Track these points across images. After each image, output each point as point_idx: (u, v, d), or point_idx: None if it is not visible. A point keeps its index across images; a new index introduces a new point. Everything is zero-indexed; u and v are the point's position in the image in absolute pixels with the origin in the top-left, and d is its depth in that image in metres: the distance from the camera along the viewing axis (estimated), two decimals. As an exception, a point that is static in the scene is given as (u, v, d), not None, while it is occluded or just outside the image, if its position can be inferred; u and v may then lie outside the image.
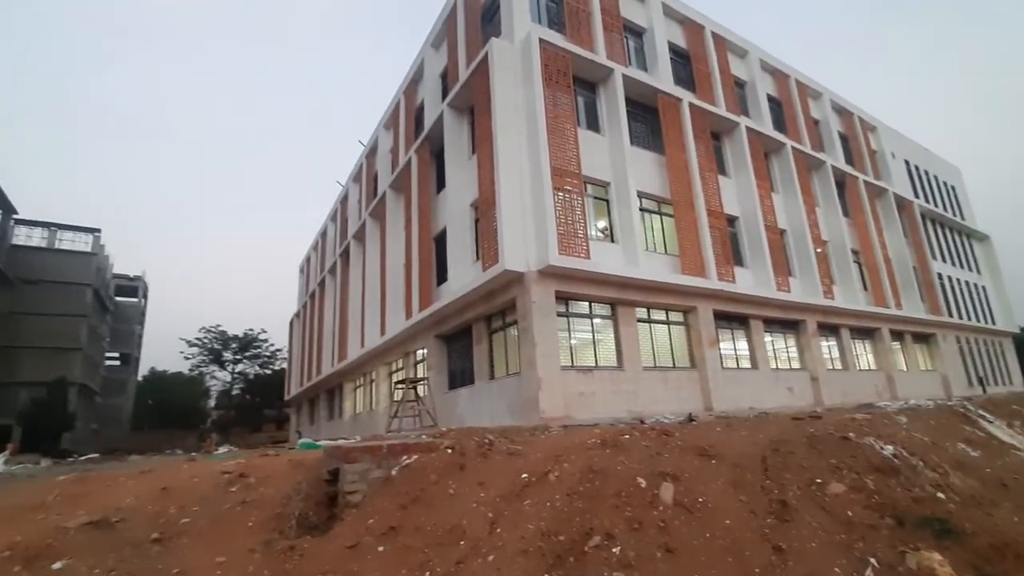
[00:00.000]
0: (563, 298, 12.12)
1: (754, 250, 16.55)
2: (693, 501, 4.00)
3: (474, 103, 13.89)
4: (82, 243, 49.64)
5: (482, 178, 12.83)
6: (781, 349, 17.24)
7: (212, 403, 66.41)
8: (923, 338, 23.50)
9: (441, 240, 15.49)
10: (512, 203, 11.73)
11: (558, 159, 12.34)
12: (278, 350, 57.32)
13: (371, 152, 24.32)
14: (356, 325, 22.27)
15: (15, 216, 45.18)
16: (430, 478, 4.93)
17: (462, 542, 3.95)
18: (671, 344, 14.05)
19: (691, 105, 16.02)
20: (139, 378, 65.35)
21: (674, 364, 13.80)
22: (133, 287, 64.76)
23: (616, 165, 13.92)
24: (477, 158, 13.38)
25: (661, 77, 16.26)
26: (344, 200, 28.31)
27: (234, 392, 59.69)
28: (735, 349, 15.66)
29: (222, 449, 18.99)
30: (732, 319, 15.68)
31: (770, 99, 20.64)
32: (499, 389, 12.44)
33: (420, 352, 17.02)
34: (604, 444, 5.14)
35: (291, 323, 39.75)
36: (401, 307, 17.13)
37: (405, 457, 5.30)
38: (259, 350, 58.62)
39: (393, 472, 5.11)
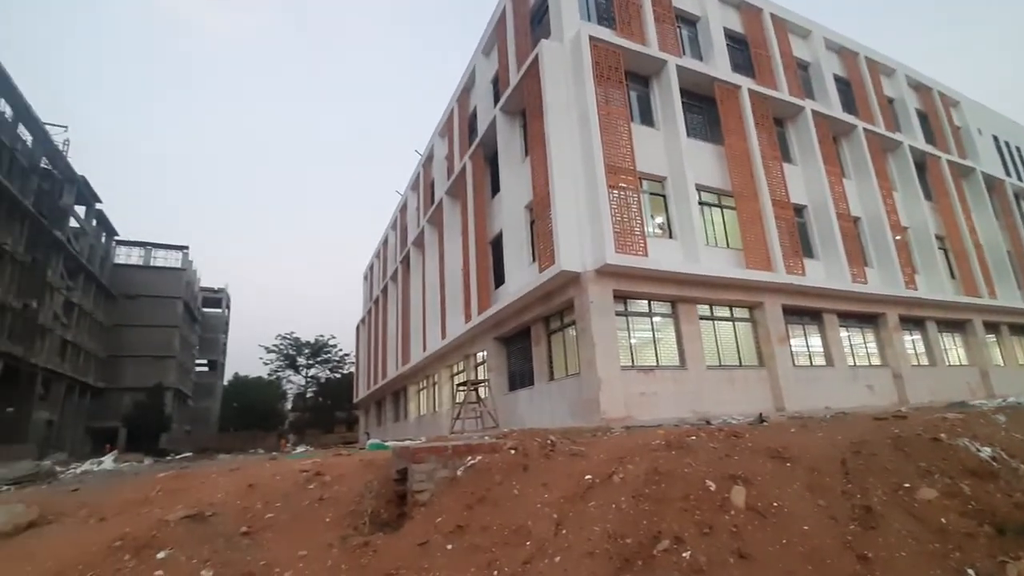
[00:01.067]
0: (621, 297, 11.94)
1: (825, 240, 15.58)
2: (767, 505, 3.83)
3: (526, 106, 13.97)
4: (172, 260, 54.35)
5: (536, 180, 12.86)
6: (859, 345, 16.10)
7: (289, 406, 70.46)
8: (1022, 330, 21.16)
9: (497, 243, 15.67)
10: (567, 203, 11.70)
11: (612, 156, 12.17)
12: (346, 355, 60.01)
13: (427, 160, 24.97)
14: (418, 329, 22.90)
15: (116, 238, 50.02)
16: (494, 478, 5.00)
17: (528, 542, 3.97)
18: (737, 342, 13.48)
19: (751, 92, 15.33)
20: (224, 383, 70.45)
21: (741, 363, 13.23)
22: (217, 298, 69.92)
23: (672, 159, 13.55)
24: (530, 160, 13.44)
25: (717, 65, 15.67)
26: (403, 209, 29.21)
27: (308, 395, 63.05)
28: (808, 346, 14.80)
29: (299, 449, 20.14)
30: (803, 314, 14.83)
31: (837, 80, 19.36)
32: (559, 390, 12.42)
33: (480, 354, 17.27)
34: (669, 446, 5.02)
35: (357, 329, 41.44)
36: (460, 311, 17.46)
37: (469, 458, 5.40)
38: (329, 355, 61.59)
39: (458, 472, 5.22)
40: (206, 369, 66.83)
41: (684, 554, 3.36)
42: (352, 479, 5.79)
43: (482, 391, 13.14)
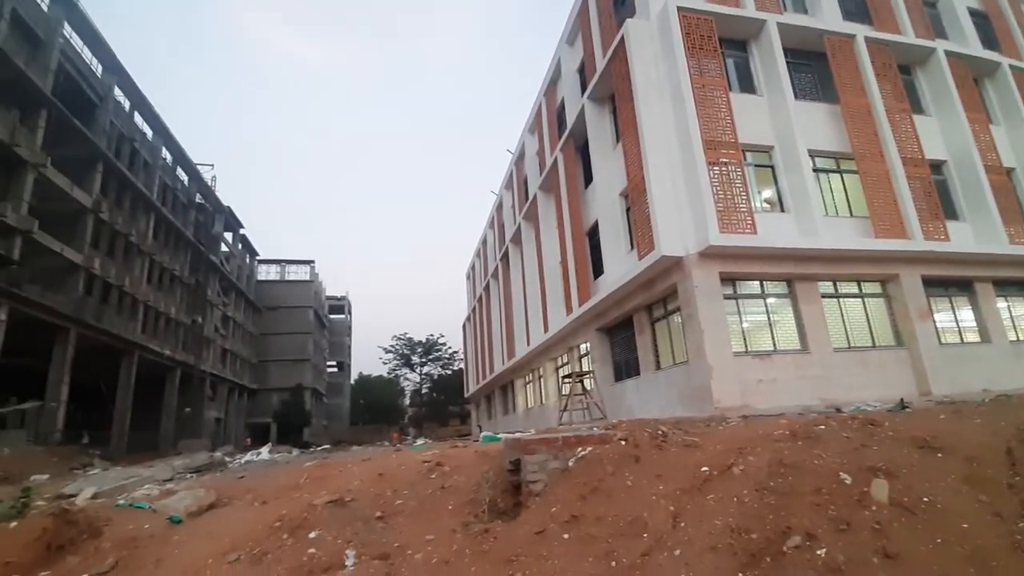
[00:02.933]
0: (729, 279, 11.23)
1: (972, 198, 13.40)
2: (915, 501, 3.43)
3: (615, 90, 13.63)
4: (302, 273, 60.99)
5: (629, 165, 12.52)
6: (1022, 316, 13.64)
7: (407, 401, 75.54)
8: None
9: (594, 234, 15.50)
10: (664, 186, 11.24)
11: (710, 131, 11.47)
12: (455, 352, 62.95)
13: (519, 158, 25.32)
14: (521, 324, 23.35)
15: (257, 257, 57.25)
16: (606, 469, 5.00)
17: (645, 534, 3.93)
18: (868, 320, 12.08)
19: (868, 40, 13.58)
20: (351, 382, 77.31)
21: (874, 343, 11.85)
22: (341, 305, 76.88)
23: (780, 126, 12.44)
24: (622, 146, 13.11)
25: (825, 16, 14.06)
26: (499, 207, 29.90)
27: (423, 391, 67.09)
28: (957, 320, 12.88)
29: (419, 441, 21.54)
30: (949, 284, 12.93)
31: (973, 13, 16.42)
32: (667, 379, 12.02)
33: (583, 346, 17.22)
34: (794, 435, 4.67)
35: (463, 327, 43.24)
36: (561, 304, 17.53)
37: (580, 449, 5.45)
38: (440, 353, 65.02)
39: (570, 463, 5.29)
40: (336, 370, 73.90)
41: (819, 551, 3.14)
42: (469, 469, 6.11)
43: (587, 383, 13.11)
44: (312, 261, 61.04)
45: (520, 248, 23.71)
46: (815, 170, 12.50)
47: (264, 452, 18.65)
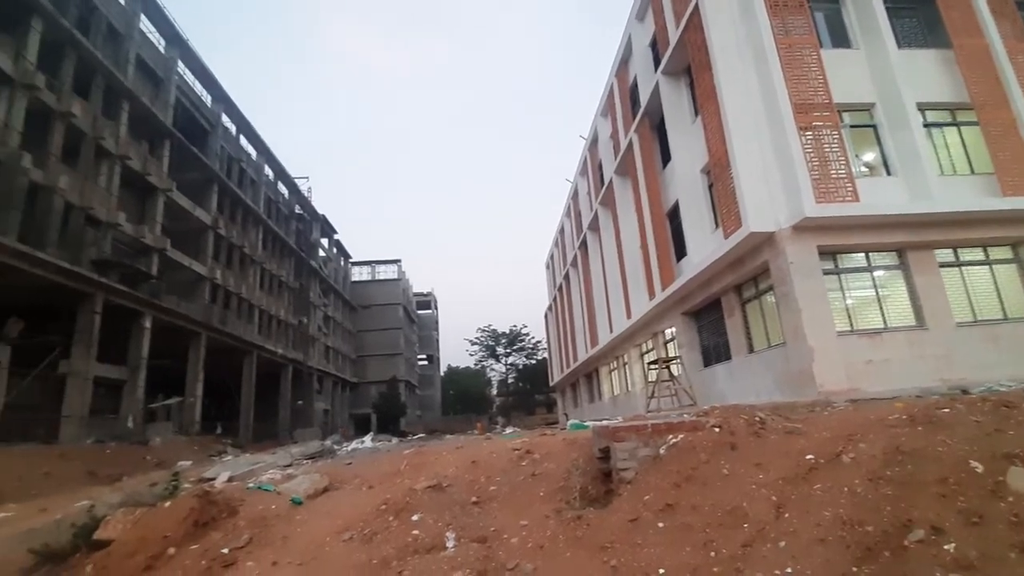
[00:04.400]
0: (829, 253, 10.36)
1: None
2: (1068, 493, 3.02)
3: (691, 62, 12.97)
4: (390, 272, 64.57)
5: (710, 139, 11.89)
6: None
7: (494, 391, 77.46)
8: None
9: (674, 215, 14.92)
10: (749, 157, 10.56)
11: (800, 93, 10.58)
12: (538, 342, 63.48)
13: (592, 143, 24.89)
14: (603, 311, 23.10)
15: (350, 260, 61.39)
16: (700, 457, 4.86)
17: (745, 525, 3.80)
18: (998, 290, 10.62)
19: (983, -29, 11.79)
20: (441, 373, 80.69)
21: (1005, 315, 10.42)
22: (427, 301, 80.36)
23: (881, 79, 11.20)
24: (702, 119, 12.47)
25: (932, -51, 12.38)
26: (575, 195, 29.62)
27: (509, 381, 68.41)
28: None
29: (508, 430, 22.06)
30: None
31: None
32: (761, 363, 11.34)
33: (669, 331, 16.70)
34: (913, 420, 4.26)
35: (545, 316, 43.48)
36: (643, 289, 17.10)
37: (671, 436, 5.33)
38: (523, 343, 65.91)
39: (661, 451, 5.20)
40: (426, 363, 77.50)
41: (947, 547, 2.86)
42: (558, 457, 6.19)
43: (675, 368, 12.72)
44: (398, 260, 64.39)
45: (598, 235, 23.38)
46: (926, 125, 11.12)
47: (367, 440, 20.06)
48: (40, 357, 17.69)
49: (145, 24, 25.00)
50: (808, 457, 4.25)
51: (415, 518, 5.23)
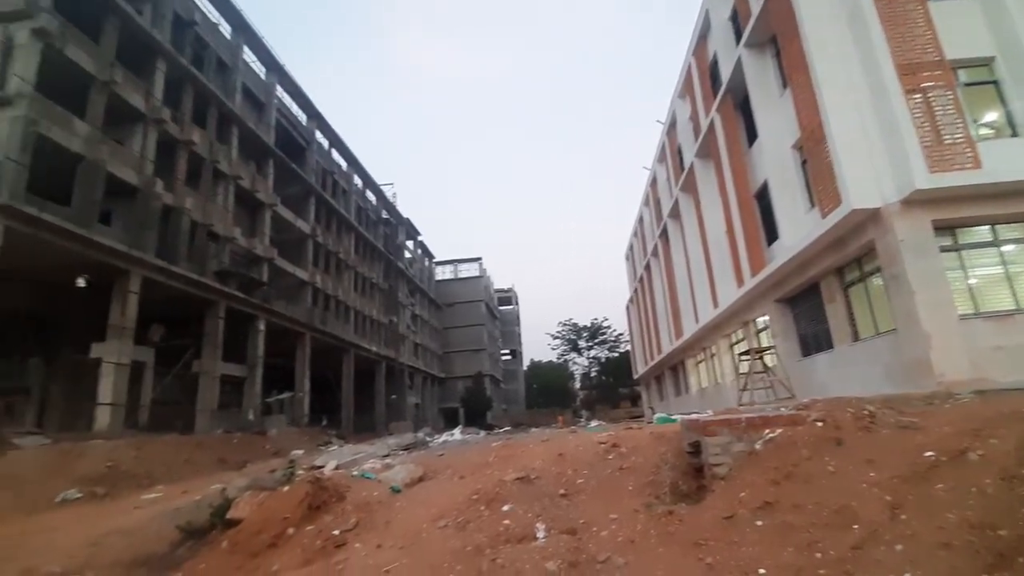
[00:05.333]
0: (947, 227, 9.26)
1: None
2: None
3: (776, 30, 12.12)
4: (472, 270, 66.54)
5: (801, 111, 11.05)
6: None
7: (577, 384, 77.13)
8: None
9: (763, 196, 14.03)
10: (847, 128, 9.69)
11: (904, 52, 9.52)
12: (620, 334, 62.36)
13: (670, 127, 23.99)
14: (687, 301, 22.28)
15: (434, 260, 64.08)
16: (801, 453, 4.59)
17: (855, 526, 3.56)
18: None
19: None
20: (524, 368, 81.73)
21: None
22: (508, 297, 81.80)
23: (1001, 29, 9.79)
24: (791, 92, 11.62)
25: None
26: (653, 183, 28.74)
27: (592, 374, 67.83)
28: None
29: (593, 423, 21.93)
30: None
31: None
32: (868, 352, 10.39)
33: (761, 319, 15.76)
34: (1059, 414, 3.74)
35: (627, 308, 42.60)
36: (730, 276, 16.26)
37: (767, 431, 5.08)
38: (605, 336, 65.07)
39: (757, 446, 4.97)
40: (509, 357, 78.92)
41: (1100, 556, 2.52)
42: (646, 451, 6.10)
43: (769, 359, 11.98)
44: (479, 258, 66.12)
45: (679, 222, 22.51)
46: (1064, 75, 9.56)
47: (456, 433, 20.89)
48: (177, 358, 20.28)
49: (247, 54, 27.64)
50: (927, 454, 3.87)
51: (505, 508, 5.36)
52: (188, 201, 20.85)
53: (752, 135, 14.44)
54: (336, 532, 5.55)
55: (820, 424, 4.90)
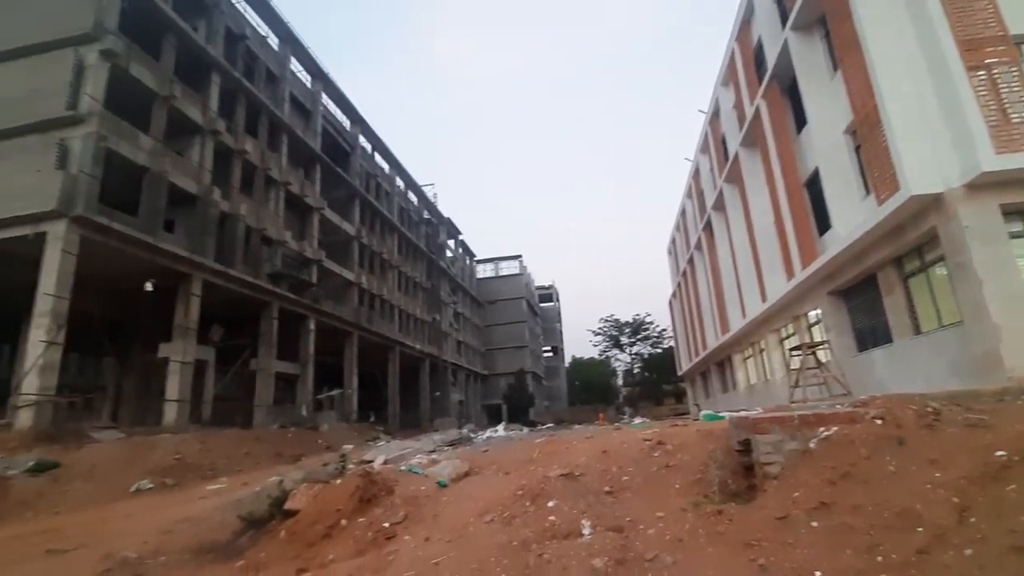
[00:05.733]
0: (1015, 212, 8.63)
1: None
2: None
3: (825, 10, 11.64)
4: (512, 268, 66.79)
5: (854, 94, 10.54)
6: None
7: (620, 381, 76.23)
8: None
9: (813, 184, 13.46)
10: (905, 110, 9.18)
11: (966, 27, 8.94)
12: (663, 330, 61.23)
13: (713, 116, 23.32)
14: (733, 296, 21.66)
15: (475, 258, 64.76)
16: (859, 452, 4.42)
17: (919, 528, 3.41)
18: None
19: None
20: (566, 364, 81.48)
21: None
22: (549, 294, 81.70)
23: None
24: (842, 74, 11.09)
25: None
26: (696, 174, 28.03)
27: (635, 371, 66.91)
28: None
29: (637, 420, 21.68)
30: None
31: None
32: (931, 346, 9.81)
33: (812, 313, 15.13)
34: None
35: (670, 303, 41.73)
36: (779, 269, 15.68)
37: (822, 429, 4.90)
38: (648, 332, 64.07)
39: (811, 445, 4.81)
40: (551, 354, 78.80)
41: None
42: (693, 448, 6.00)
43: (822, 354, 11.48)
44: (519, 256, 66.29)
45: (724, 214, 21.87)
46: None
47: (500, 429, 21.09)
48: (235, 357, 21.39)
49: (294, 64, 28.75)
50: (998, 454, 3.66)
51: (550, 504, 5.36)
52: (243, 207, 21.92)
53: (801, 121, 13.85)
54: (386, 524, 5.71)
55: (880, 422, 4.70)
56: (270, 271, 22.99)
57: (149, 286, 17.16)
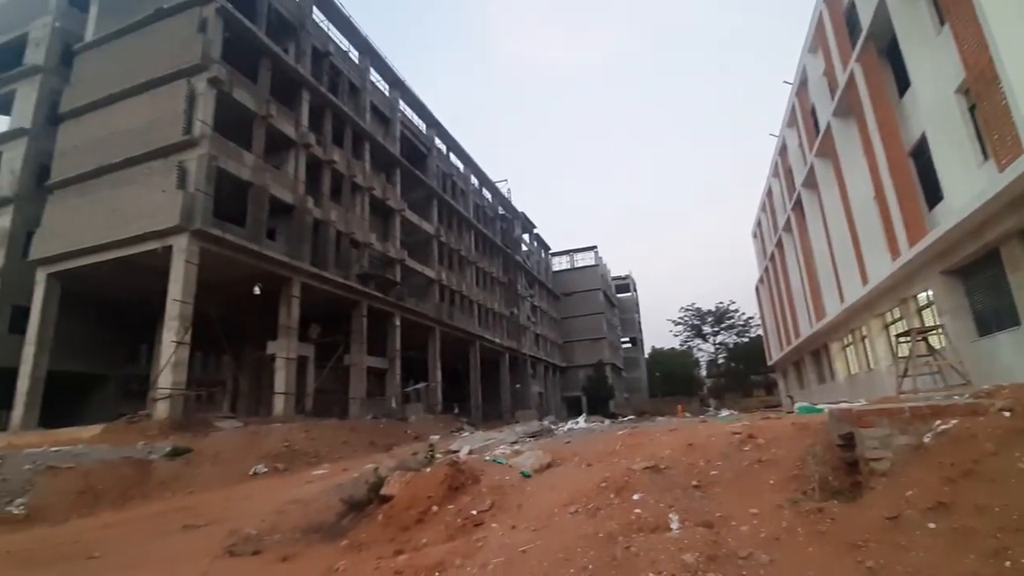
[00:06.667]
0: None
1: None
2: None
3: (928, -41, 10.38)
4: (588, 259, 66.28)
5: (965, 49, 9.42)
6: None
7: (703, 372, 73.18)
8: None
9: (920, 152, 12.16)
10: (1028, 62, 8.02)
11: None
12: (750, 318, 58.05)
13: (801, 86, 21.66)
14: (828, 279, 20.11)
15: (550, 251, 64.95)
16: (983, 448, 4.01)
17: (1061, 534, 3.07)
18: None
19: None
20: (645, 355, 79.58)
21: None
22: (626, 284, 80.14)
23: None
24: (950, 28, 9.94)
25: None
26: (782, 151, 26.21)
27: (719, 361, 64.02)
28: None
29: (724, 412, 20.74)
30: None
31: None
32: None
33: (923, 295, 13.70)
34: None
35: (756, 289, 39.43)
36: (882, 247, 14.34)
37: (938, 422, 4.49)
38: (732, 320, 61.05)
39: (925, 439, 4.43)
40: (629, 345, 77.22)
41: None
42: (787, 443, 5.70)
43: (934, 340, 10.36)
44: (595, 247, 65.53)
45: (816, 191, 20.28)
46: None
47: (581, 421, 21.05)
48: (331, 353, 23.08)
49: (372, 74, 30.32)
50: None
51: (636, 497, 5.30)
52: (333, 213, 23.56)
53: (902, 84, 12.51)
54: (474, 512, 5.91)
55: (1008, 414, 4.25)
56: (359, 272, 24.53)
57: (257, 290, 18.98)
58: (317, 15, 25.68)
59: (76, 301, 19.21)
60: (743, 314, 60.10)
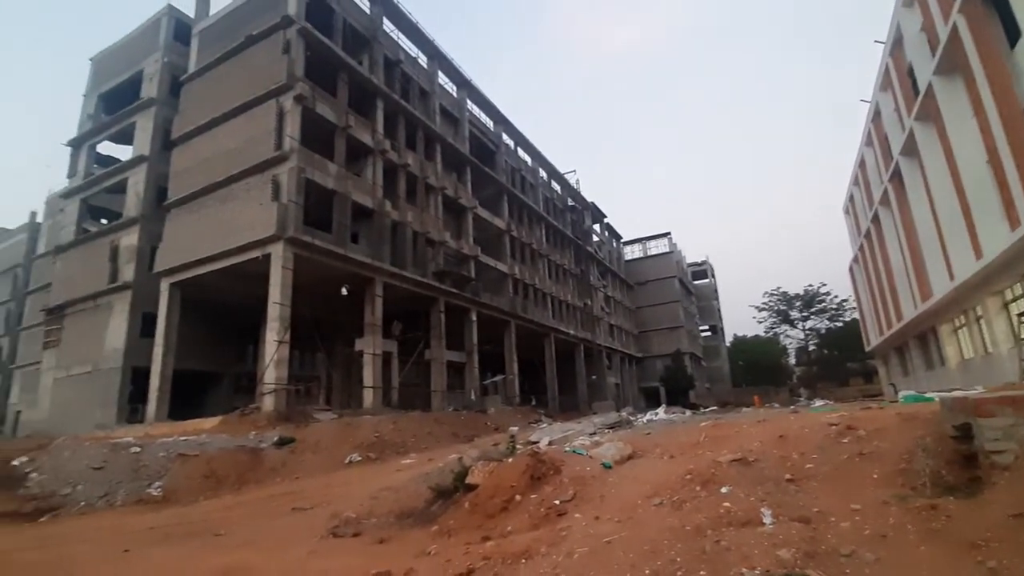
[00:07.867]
0: None
1: None
2: None
3: None
4: (662, 246, 64.20)
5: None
6: None
7: (792, 360, 68.64)
8: None
9: (1047, 108, 10.64)
10: None
11: None
12: (843, 300, 53.74)
13: (895, 45, 19.67)
14: (934, 254, 18.20)
15: (622, 240, 63.63)
16: None
17: None
18: None
19: None
20: (726, 344, 75.93)
21: None
22: (703, 271, 76.81)
23: None
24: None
25: None
26: (876, 117, 23.94)
27: (810, 348, 59.80)
28: None
29: (818, 402, 19.44)
30: None
31: None
32: None
33: (1058, 270, 12.01)
34: None
35: (850, 269, 36.44)
36: (998, 216, 12.80)
37: (1071, 412, 4.04)
38: (823, 304, 56.81)
39: (1056, 432, 4.00)
40: (709, 334, 73.97)
41: None
42: (893, 435, 5.34)
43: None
44: (668, 233, 63.32)
45: (917, 159, 18.39)
46: None
47: (660, 412, 20.62)
48: (412, 348, 24.21)
49: (440, 77, 31.18)
50: None
51: (724, 490, 5.17)
52: (409, 215, 24.63)
53: (1012, 34, 11.02)
54: (557, 502, 6.00)
55: None
56: (435, 270, 25.49)
57: (344, 290, 20.31)
58: (387, 25, 26.80)
59: (193, 307, 21.60)
60: (835, 297, 55.74)
